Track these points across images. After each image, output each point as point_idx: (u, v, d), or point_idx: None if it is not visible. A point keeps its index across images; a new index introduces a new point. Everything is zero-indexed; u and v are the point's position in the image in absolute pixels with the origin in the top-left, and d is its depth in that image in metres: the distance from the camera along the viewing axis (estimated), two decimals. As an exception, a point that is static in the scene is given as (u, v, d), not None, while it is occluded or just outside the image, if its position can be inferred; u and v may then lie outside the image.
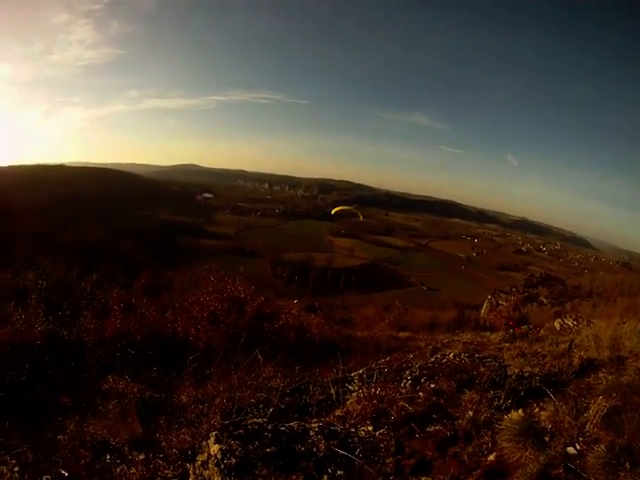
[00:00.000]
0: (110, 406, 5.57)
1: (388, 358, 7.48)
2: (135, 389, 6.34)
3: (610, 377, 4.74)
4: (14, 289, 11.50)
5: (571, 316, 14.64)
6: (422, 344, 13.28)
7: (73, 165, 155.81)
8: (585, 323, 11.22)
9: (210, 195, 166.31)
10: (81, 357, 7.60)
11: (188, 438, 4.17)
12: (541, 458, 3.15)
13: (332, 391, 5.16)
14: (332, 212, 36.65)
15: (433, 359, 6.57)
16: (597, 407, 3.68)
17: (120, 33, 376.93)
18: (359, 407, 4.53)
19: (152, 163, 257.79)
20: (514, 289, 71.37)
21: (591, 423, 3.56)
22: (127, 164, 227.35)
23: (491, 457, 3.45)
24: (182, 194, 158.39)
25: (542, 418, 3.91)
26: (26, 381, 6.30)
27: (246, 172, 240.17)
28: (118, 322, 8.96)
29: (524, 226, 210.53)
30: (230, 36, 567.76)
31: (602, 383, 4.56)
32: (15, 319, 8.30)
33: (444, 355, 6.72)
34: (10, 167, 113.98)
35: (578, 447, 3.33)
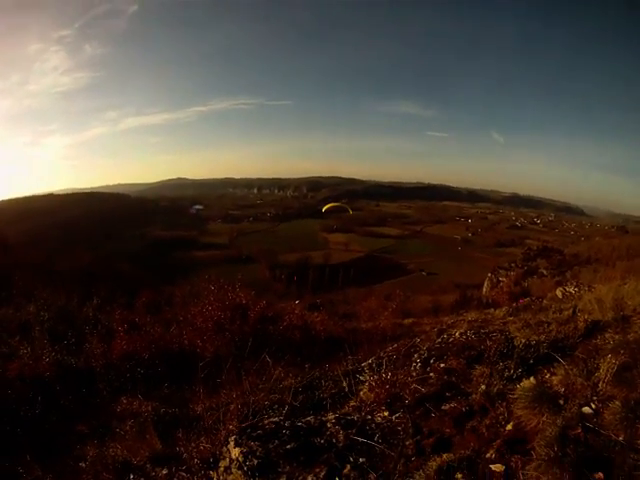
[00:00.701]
0: (127, 427, 5.58)
1: (395, 345, 7.51)
2: (149, 407, 6.35)
3: (617, 336, 4.76)
4: (17, 324, 11.43)
5: (572, 284, 14.73)
6: (427, 328, 13.34)
7: (62, 193, 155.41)
8: (587, 289, 11.26)
9: (201, 206, 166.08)
10: (91, 383, 7.59)
11: (208, 446, 4.17)
12: (558, 421, 3.17)
13: (344, 384, 5.17)
14: (323, 210, 36.67)
15: (440, 340, 6.58)
16: (607, 366, 3.71)
17: (93, 56, 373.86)
18: (372, 395, 4.54)
19: (139, 181, 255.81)
20: (513, 264, 72.12)
21: (603, 382, 3.59)
22: (114, 185, 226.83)
23: (509, 427, 3.47)
24: (172, 209, 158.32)
25: (554, 383, 3.93)
26: (40, 413, 6.30)
27: (234, 179, 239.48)
28: (124, 343, 8.96)
29: (516, 201, 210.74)
30: (203, 46, 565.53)
31: (609, 343, 4.58)
32: (22, 353, 8.28)
33: (450, 335, 6.73)
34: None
35: (593, 406, 3.35)
